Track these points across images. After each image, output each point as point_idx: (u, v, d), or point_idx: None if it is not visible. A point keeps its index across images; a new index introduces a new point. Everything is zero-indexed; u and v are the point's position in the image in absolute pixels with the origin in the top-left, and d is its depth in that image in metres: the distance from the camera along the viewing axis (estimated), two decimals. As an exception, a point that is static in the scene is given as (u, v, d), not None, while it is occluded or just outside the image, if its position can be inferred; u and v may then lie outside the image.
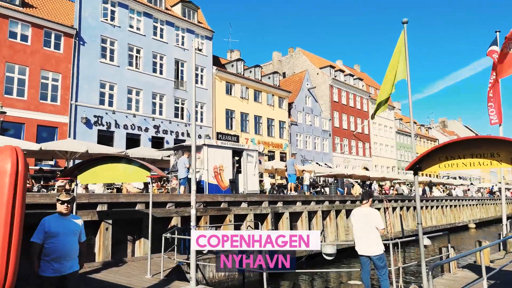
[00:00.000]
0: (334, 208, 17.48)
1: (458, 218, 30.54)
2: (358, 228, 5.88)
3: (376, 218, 5.77)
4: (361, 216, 5.90)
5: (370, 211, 5.88)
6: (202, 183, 13.65)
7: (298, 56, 47.37)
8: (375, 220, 5.75)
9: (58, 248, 4.11)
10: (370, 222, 5.74)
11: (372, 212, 5.86)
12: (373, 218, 5.77)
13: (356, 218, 5.97)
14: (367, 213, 5.86)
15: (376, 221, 5.74)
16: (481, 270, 8.06)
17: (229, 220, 12.60)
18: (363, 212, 5.91)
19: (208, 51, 30.40)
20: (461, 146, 6.00)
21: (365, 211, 5.92)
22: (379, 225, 5.73)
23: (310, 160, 36.65)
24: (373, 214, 5.82)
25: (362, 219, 5.84)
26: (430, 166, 6.37)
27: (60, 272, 4.12)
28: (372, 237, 5.66)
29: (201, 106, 29.32)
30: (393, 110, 56.00)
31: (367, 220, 5.77)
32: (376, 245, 5.64)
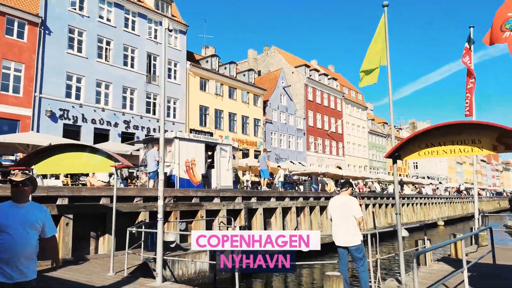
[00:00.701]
0: (308, 205, 17.28)
1: (428, 215, 31.17)
2: (336, 217, 5.57)
3: (354, 206, 5.48)
4: (339, 204, 5.60)
5: (349, 200, 5.59)
6: (173, 178, 13.09)
7: (274, 55, 47.22)
8: (354, 208, 5.46)
9: (7, 246, 3.06)
10: (349, 210, 5.44)
11: (351, 201, 5.57)
12: (352, 206, 5.48)
13: (335, 206, 5.67)
14: (345, 201, 5.57)
15: (354, 209, 5.45)
16: (456, 263, 7.97)
17: (200, 215, 12.11)
18: (342, 201, 5.61)
19: (182, 45, 29.68)
20: (442, 133, 5.80)
21: (344, 200, 5.62)
22: (357, 213, 5.44)
23: (284, 159, 36.49)
24: (351, 203, 5.53)
25: (341, 208, 5.54)
26: (410, 154, 6.16)
27: (13, 278, 3.07)
28: (350, 226, 5.36)
29: (174, 102, 28.56)
30: (365, 111, 56.85)
31: (345, 209, 5.48)
32: (354, 235, 5.35)
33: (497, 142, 5.31)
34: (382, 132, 60.93)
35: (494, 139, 5.33)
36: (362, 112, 55.27)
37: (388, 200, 25.41)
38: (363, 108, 55.78)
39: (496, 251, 8.68)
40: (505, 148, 5.27)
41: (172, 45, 28.89)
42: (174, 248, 10.62)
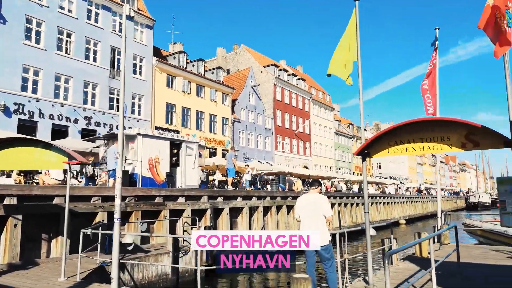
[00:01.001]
0: (275, 204, 17.10)
1: (391, 214, 31.94)
2: (305, 215, 5.34)
3: (324, 205, 5.27)
4: (308, 202, 5.37)
5: (319, 198, 5.38)
6: (135, 176, 12.49)
7: (243, 54, 46.94)
8: (324, 207, 5.25)
9: None
10: (318, 209, 5.22)
11: (320, 199, 5.36)
12: (321, 205, 5.27)
13: (303, 205, 5.43)
14: (315, 199, 5.35)
15: (324, 208, 5.24)
16: (421, 262, 7.98)
17: (163, 215, 11.60)
18: (311, 199, 5.39)
19: (148, 40, 28.77)
20: (411, 130, 5.71)
21: (313, 198, 5.40)
22: (327, 212, 5.24)
23: (252, 158, 36.29)
24: (321, 201, 5.32)
25: (310, 206, 5.31)
26: (379, 151, 6.04)
27: None
28: (319, 226, 5.14)
29: (139, 98, 27.63)
30: (332, 112, 57.73)
31: (315, 207, 5.26)
32: (322, 234, 5.13)
33: (465, 139, 5.26)
34: (348, 133, 62.14)
35: (463, 136, 5.28)
36: (329, 113, 56.07)
37: (353, 199, 25.76)
38: (330, 109, 56.60)
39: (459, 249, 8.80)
40: (474, 146, 5.23)
41: (138, 40, 27.95)
42: (134, 250, 10.08)
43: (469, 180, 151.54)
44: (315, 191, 5.53)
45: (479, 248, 10.23)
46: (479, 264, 7.84)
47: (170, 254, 10.22)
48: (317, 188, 5.55)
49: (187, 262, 10.73)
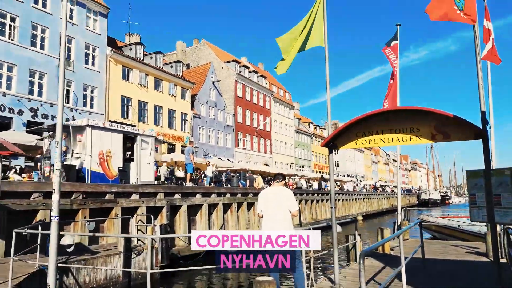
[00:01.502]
0: (236, 201, 16.61)
1: (349, 211, 32.50)
2: (267, 210, 4.89)
3: (289, 198, 4.83)
4: (272, 196, 4.92)
5: (282, 190, 4.94)
6: (84, 171, 11.49)
7: (203, 48, 45.95)
8: (288, 201, 4.80)
9: None
10: (282, 202, 4.78)
11: (284, 192, 4.91)
12: (287, 198, 4.82)
13: (267, 198, 4.97)
14: (278, 192, 4.90)
15: (289, 202, 4.80)
16: (385, 259, 7.81)
17: (115, 213, 10.75)
18: (275, 192, 4.94)
19: (102, 29, 27.17)
20: (380, 120, 5.42)
21: (277, 191, 4.95)
22: (293, 206, 4.80)
23: (212, 155, 35.57)
24: (285, 194, 4.88)
25: (273, 199, 4.86)
26: (347, 143, 5.71)
27: None
28: (283, 222, 4.70)
29: (91, 91, 26.03)
30: (293, 110, 58.11)
31: (279, 201, 4.80)
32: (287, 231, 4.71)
33: (435, 131, 5.04)
34: (308, 131, 62.88)
35: (433, 127, 5.06)
36: (289, 111, 56.38)
37: (314, 196, 25.83)
38: (290, 107, 56.93)
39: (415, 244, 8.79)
40: (444, 137, 5.02)
41: (91, 28, 26.32)
42: (80, 252, 9.22)
43: (419, 178, 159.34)
44: (279, 184, 5.08)
45: (439, 243, 10.32)
46: (442, 260, 7.79)
47: (122, 255, 9.44)
48: (280, 182, 5.11)
49: (140, 264, 9.99)
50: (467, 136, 4.91)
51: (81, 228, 9.75)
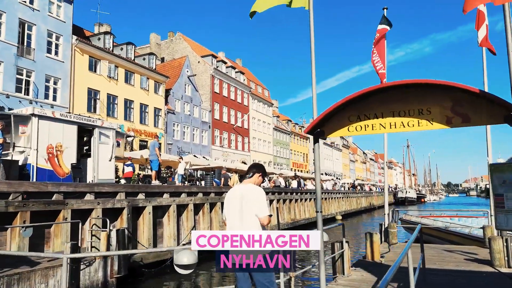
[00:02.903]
0: (208, 201, 15.26)
1: (328, 210, 31.62)
2: (229, 215, 3.62)
3: (258, 200, 3.50)
4: (235, 196, 3.63)
5: (251, 190, 3.60)
6: (28, 168, 9.90)
7: (179, 42, 44.20)
8: (256, 203, 3.47)
9: None
10: (248, 206, 3.49)
11: (252, 192, 3.56)
12: (254, 200, 3.50)
13: (229, 200, 3.69)
14: (246, 192, 3.57)
15: (257, 205, 3.47)
16: (377, 269, 6.66)
17: (63, 217, 9.23)
18: (240, 192, 3.63)
19: (67, 16, 25.22)
20: (380, 100, 4.23)
21: (244, 190, 3.63)
22: (261, 211, 3.45)
23: (187, 152, 34.00)
24: (253, 195, 3.53)
25: (236, 203, 3.58)
26: (337, 129, 4.49)
27: None
28: (249, 227, 3.42)
29: (54, 82, 24.08)
30: (271, 107, 57.04)
31: (243, 203, 3.51)
32: None
33: (452, 112, 3.89)
34: (286, 129, 61.96)
35: (449, 108, 3.91)
36: (268, 108, 55.27)
37: (292, 195, 24.74)
38: (269, 105, 55.83)
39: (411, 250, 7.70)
40: (463, 121, 3.87)
41: (54, 15, 24.34)
42: (15, 264, 7.70)
43: (395, 177, 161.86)
44: (250, 180, 3.75)
45: (430, 248, 9.31)
46: (442, 270, 6.72)
47: (67, 266, 7.93)
48: (252, 177, 3.77)
49: (91, 276, 8.53)
50: (493, 119, 3.78)
51: (19, 235, 8.20)
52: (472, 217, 17.07)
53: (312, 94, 4.86)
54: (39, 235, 8.94)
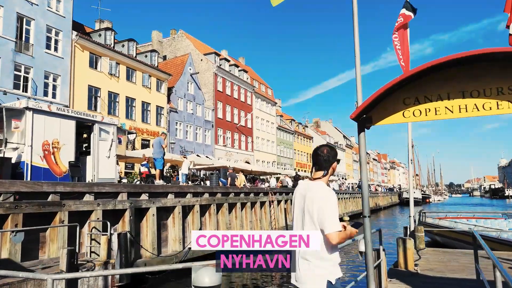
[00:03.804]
0: (215, 202, 14.43)
1: (335, 211, 30.76)
2: (293, 225, 2.71)
3: (322, 209, 2.42)
4: (298, 197, 2.66)
5: (316, 191, 2.51)
6: (22, 166, 9.10)
7: (181, 40, 43.39)
8: (320, 212, 2.42)
9: None
10: (310, 215, 2.50)
11: (317, 194, 2.49)
12: (317, 208, 2.44)
13: (293, 202, 2.72)
14: (309, 194, 2.53)
15: (321, 215, 2.42)
16: (415, 280, 5.83)
17: (60, 219, 8.41)
18: (304, 190, 2.60)
19: (67, 11, 24.43)
20: (445, 77, 3.40)
21: (307, 189, 2.58)
22: (327, 224, 2.39)
23: (190, 152, 33.19)
24: (318, 199, 2.46)
25: (299, 207, 2.63)
26: (388, 115, 3.66)
27: None
28: (310, 255, 2.49)
29: (54, 79, 23.30)
30: (274, 106, 56.20)
31: (305, 210, 2.53)
32: (315, 270, 2.46)
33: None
34: (290, 128, 61.10)
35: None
36: (271, 107, 54.43)
37: (300, 196, 23.89)
38: (272, 104, 54.99)
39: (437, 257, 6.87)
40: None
41: (54, 9, 23.56)
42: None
43: (398, 177, 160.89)
44: (323, 179, 2.60)
45: (461, 254, 8.45)
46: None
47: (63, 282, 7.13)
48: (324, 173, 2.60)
49: (90, 285, 7.71)
50: None
51: (10, 240, 7.39)
52: (490, 219, 16.25)
53: (355, 73, 4.03)
54: (33, 239, 8.13)
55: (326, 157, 2.61)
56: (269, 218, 18.89)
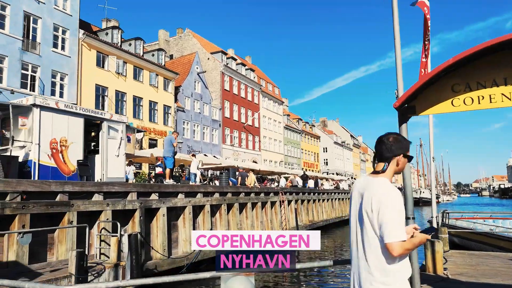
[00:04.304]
0: (225, 202, 14.09)
1: (345, 211, 30.31)
2: (350, 224, 2.24)
3: (382, 212, 1.95)
4: (355, 195, 2.22)
5: (377, 187, 2.05)
6: (30, 165, 8.82)
7: (188, 38, 43.14)
8: (380, 214, 1.96)
9: None
10: (365, 219, 2.05)
11: (379, 191, 2.02)
12: (374, 210, 1.99)
13: (351, 199, 2.26)
14: (366, 192, 2.08)
15: (380, 217, 1.96)
16: (447, 286, 5.43)
17: (68, 220, 8.11)
18: (362, 188, 2.15)
19: (74, 10, 24.24)
20: (500, 60, 3.02)
21: (364, 186, 2.15)
22: (386, 230, 1.92)
23: (198, 151, 32.90)
24: (378, 197, 1.99)
25: (355, 204, 2.20)
26: (435, 103, 3.26)
27: None
28: (370, 258, 2.03)
29: (61, 78, 23.12)
30: (282, 105, 55.78)
31: (362, 209, 2.08)
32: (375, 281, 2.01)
33: None
34: (297, 128, 60.64)
35: None
36: (278, 106, 54.02)
37: (310, 195, 23.49)
38: (279, 103, 54.58)
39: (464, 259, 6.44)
40: None
41: (60, 8, 23.37)
42: (13, 275, 6.63)
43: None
44: (380, 167, 2.18)
45: (489, 256, 8.01)
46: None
47: (73, 278, 6.84)
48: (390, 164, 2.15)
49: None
50: None
51: (17, 242, 7.10)
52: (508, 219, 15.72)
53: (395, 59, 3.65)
54: (41, 241, 7.84)
55: (389, 145, 2.14)
56: (280, 219, 18.51)
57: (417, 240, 2.01)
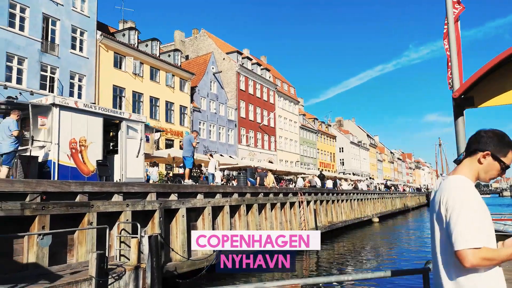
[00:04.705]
0: (244, 202, 13.82)
1: (364, 212, 29.74)
2: (430, 228, 1.92)
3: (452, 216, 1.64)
4: (434, 198, 1.85)
5: (450, 186, 1.73)
6: (49, 165, 8.71)
7: (203, 39, 43.12)
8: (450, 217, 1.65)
9: None
10: (441, 217, 1.73)
11: (451, 191, 1.71)
12: (444, 208, 1.70)
13: (430, 200, 2.01)
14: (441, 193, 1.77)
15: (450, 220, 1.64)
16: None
17: (88, 221, 7.95)
18: (439, 186, 1.85)
19: (91, 11, 24.39)
20: None
21: (442, 184, 1.82)
22: (456, 234, 1.59)
23: (214, 151, 32.78)
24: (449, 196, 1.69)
25: (433, 207, 1.86)
26: (495, 94, 2.90)
27: None
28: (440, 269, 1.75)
29: (79, 79, 23.26)
30: (297, 105, 55.31)
31: (437, 211, 1.79)
32: None
33: None
34: (313, 127, 60.04)
35: None
36: (294, 106, 53.57)
37: (328, 196, 23.05)
38: (295, 102, 54.13)
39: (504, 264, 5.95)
40: None
41: (78, 9, 23.54)
42: (33, 278, 6.49)
43: (423, 177, 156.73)
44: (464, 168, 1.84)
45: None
46: None
47: (93, 281, 6.66)
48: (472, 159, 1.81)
49: (121, 291, 7.20)
50: None
51: (37, 244, 6.96)
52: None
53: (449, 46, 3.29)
54: (61, 242, 7.70)
55: (482, 138, 1.78)
56: (299, 220, 18.16)
57: (503, 254, 1.62)
